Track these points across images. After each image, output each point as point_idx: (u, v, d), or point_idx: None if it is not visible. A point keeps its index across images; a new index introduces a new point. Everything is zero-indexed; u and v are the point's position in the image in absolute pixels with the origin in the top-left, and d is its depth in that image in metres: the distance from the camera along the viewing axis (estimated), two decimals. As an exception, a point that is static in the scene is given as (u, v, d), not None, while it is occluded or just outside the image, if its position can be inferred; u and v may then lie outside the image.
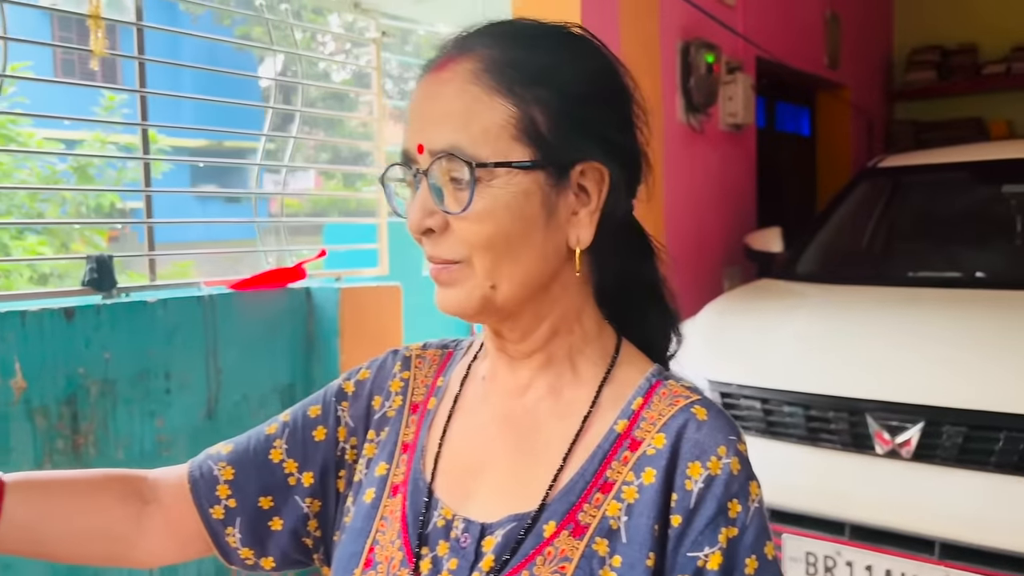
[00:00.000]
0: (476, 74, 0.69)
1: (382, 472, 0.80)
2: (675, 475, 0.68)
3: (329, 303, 2.87)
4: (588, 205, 0.72)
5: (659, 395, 0.74)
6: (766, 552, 0.68)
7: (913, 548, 2.15)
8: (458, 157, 0.68)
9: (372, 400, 0.85)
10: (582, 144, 0.71)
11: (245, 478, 0.84)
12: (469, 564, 0.71)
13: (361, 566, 0.75)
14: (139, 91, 2.49)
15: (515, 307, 0.73)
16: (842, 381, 2.38)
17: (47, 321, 2.22)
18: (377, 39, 3.26)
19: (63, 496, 0.80)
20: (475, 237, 0.69)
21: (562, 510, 0.70)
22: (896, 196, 3.69)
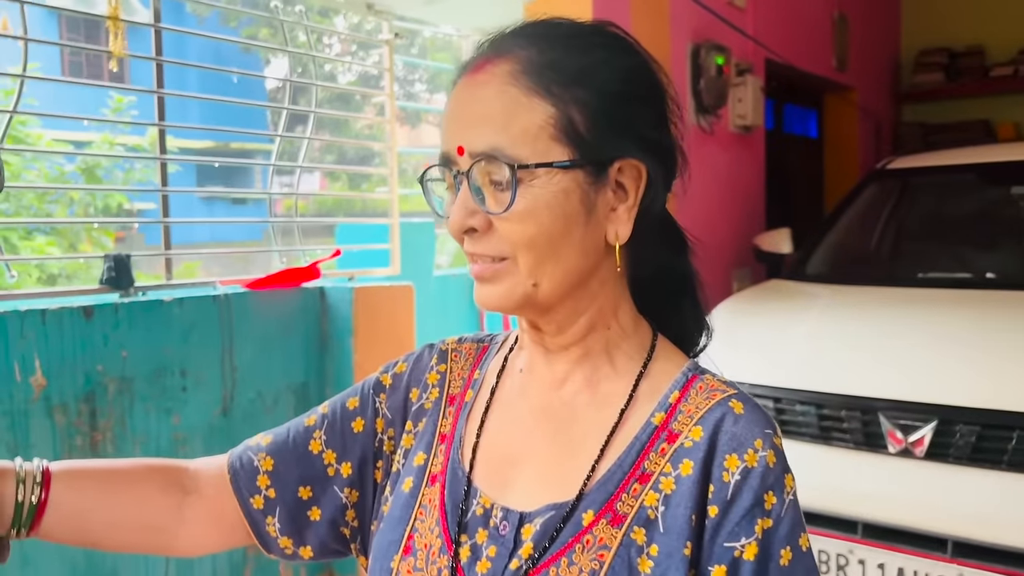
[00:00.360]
0: (514, 76, 0.70)
1: (420, 462, 0.82)
2: (712, 467, 0.70)
3: (343, 302, 2.89)
4: (626, 201, 0.74)
5: (696, 389, 0.75)
6: (800, 544, 0.69)
7: (926, 547, 2.16)
8: (499, 159, 0.69)
9: (410, 392, 0.86)
10: (619, 142, 0.72)
11: (285, 468, 0.85)
12: (508, 551, 0.72)
13: (400, 553, 0.76)
14: (156, 92, 2.51)
15: (555, 303, 0.74)
16: (854, 380, 2.39)
17: (66, 319, 2.24)
18: (390, 40, 3.28)
19: (107, 486, 0.82)
20: (518, 236, 0.70)
21: (600, 500, 0.71)
22: (905, 197, 3.70)
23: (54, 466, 0.80)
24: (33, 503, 0.76)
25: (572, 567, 0.69)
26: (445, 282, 3.94)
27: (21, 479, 0.76)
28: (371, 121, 3.64)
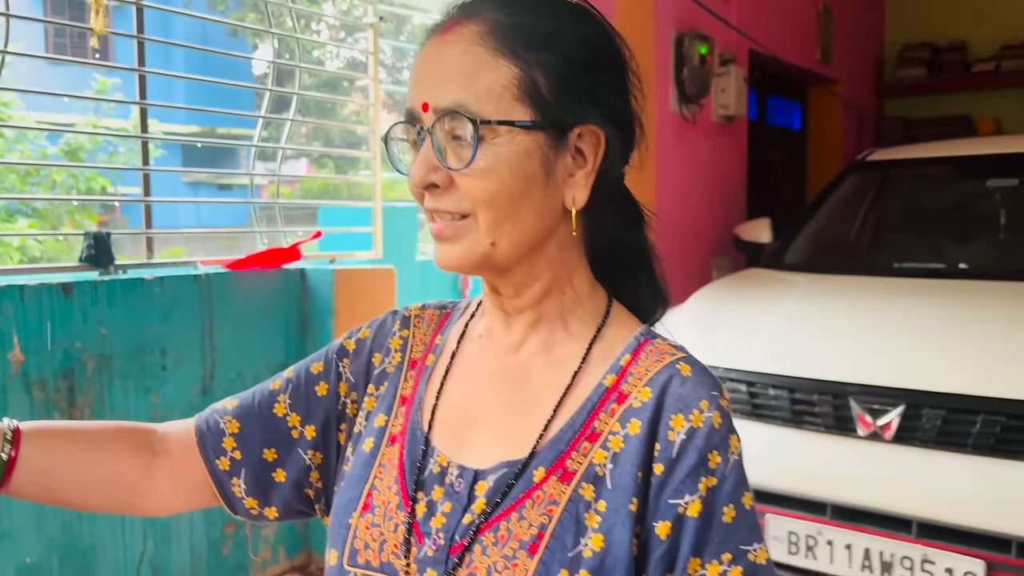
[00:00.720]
0: (481, 36, 0.72)
1: (381, 423, 0.84)
2: (659, 426, 0.72)
3: (324, 284, 2.91)
4: (584, 167, 0.75)
5: (646, 352, 0.77)
6: (743, 502, 0.71)
7: (891, 527, 2.20)
8: (462, 114, 0.70)
9: (372, 357, 0.88)
10: (581, 108, 0.73)
11: (250, 431, 0.87)
12: (462, 507, 0.74)
13: (359, 510, 0.78)
14: (137, 70, 2.51)
15: (512, 263, 0.76)
16: (826, 365, 2.43)
17: (45, 296, 2.25)
18: (374, 24, 3.29)
19: (77, 445, 0.83)
20: (479, 192, 0.72)
21: (551, 457, 0.73)
22: (884, 189, 3.75)
23: (24, 425, 0.82)
24: (3, 459, 0.78)
25: (522, 521, 0.71)
26: (428, 267, 3.96)
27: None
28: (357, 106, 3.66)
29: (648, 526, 0.70)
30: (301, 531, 3.05)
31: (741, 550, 0.70)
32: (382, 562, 0.75)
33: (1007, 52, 6.34)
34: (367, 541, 0.77)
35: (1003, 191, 3.33)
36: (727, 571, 0.69)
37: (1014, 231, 3.24)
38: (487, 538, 0.72)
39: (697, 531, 0.69)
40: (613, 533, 0.69)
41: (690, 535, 0.69)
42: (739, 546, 0.70)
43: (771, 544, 2.36)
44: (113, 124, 8.79)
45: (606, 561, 0.69)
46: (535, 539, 0.70)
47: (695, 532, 0.69)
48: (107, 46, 9.88)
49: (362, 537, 0.77)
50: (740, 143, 4.62)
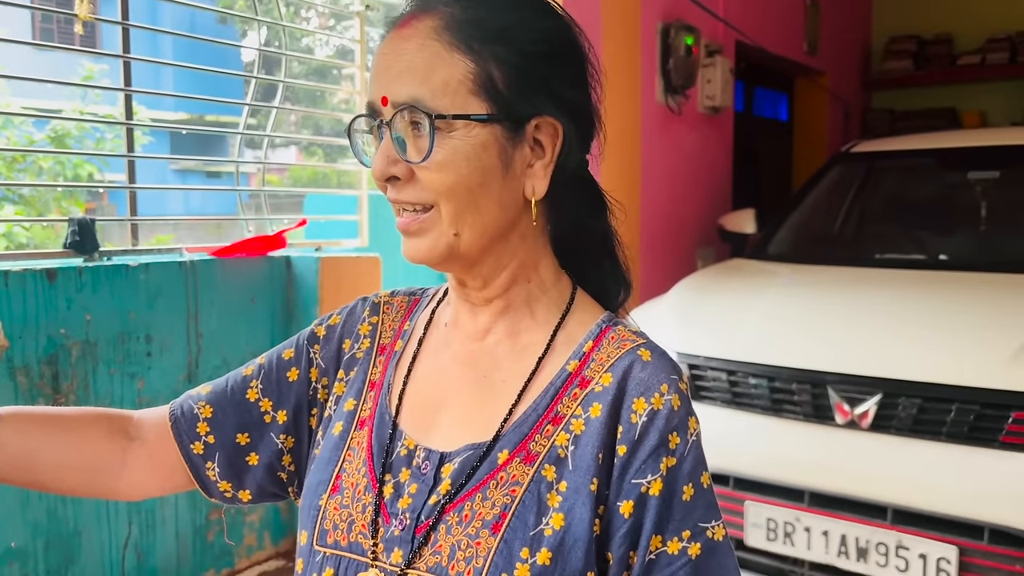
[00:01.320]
0: (437, 31, 0.73)
1: (350, 408, 0.86)
2: (621, 410, 0.74)
3: (309, 272, 2.92)
4: (543, 158, 0.77)
5: (608, 339, 0.79)
6: (702, 481, 0.74)
7: (867, 514, 2.24)
8: (419, 109, 0.72)
9: (343, 343, 0.91)
10: (537, 100, 0.75)
11: (223, 416, 0.89)
12: (428, 488, 0.76)
13: (328, 492, 0.80)
14: (122, 56, 2.51)
15: (477, 255, 0.77)
16: (805, 354, 2.46)
17: (29, 282, 2.25)
18: (361, 13, 3.29)
19: (53, 429, 0.85)
20: (438, 185, 0.73)
21: (515, 440, 0.76)
22: (868, 180, 3.78)
23: (1, 409, 0.83)
24: None
25: (486, 501, 0.73)
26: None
27: None
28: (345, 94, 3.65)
29: (612, 506, 0.73)
30: (286, 517, 3.07)
31: (700, 527, 0.73)
32: (350, 542, 0.77)
33: (993, 45, 6.38)
34: (336, 522, 0.79)
35: (984, 183, 3.36)
36: (687, 547, 0.72)
37: (994, 223, 3.28)
38: (452, 518, 0.74)
39: (659, 509, 0.72)
40: (574, 512, 0.72)
41: (652, 513, 0.72)
42: (698, 523, 0.73)
43: (750, 530, 2.40)
44: (100, 111, 8.74)
45: (566, 539, 0.71)
46: (498, 518, 0.72)
47: (657, 510, 0.72)
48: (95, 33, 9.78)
49: (331, 518, 0.79)
50: (726, 134, 4.64)
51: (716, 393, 2.58)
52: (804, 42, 5.51)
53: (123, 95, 2.60)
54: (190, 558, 2.71)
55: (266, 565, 2.98)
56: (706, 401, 2.60)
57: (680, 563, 0.72)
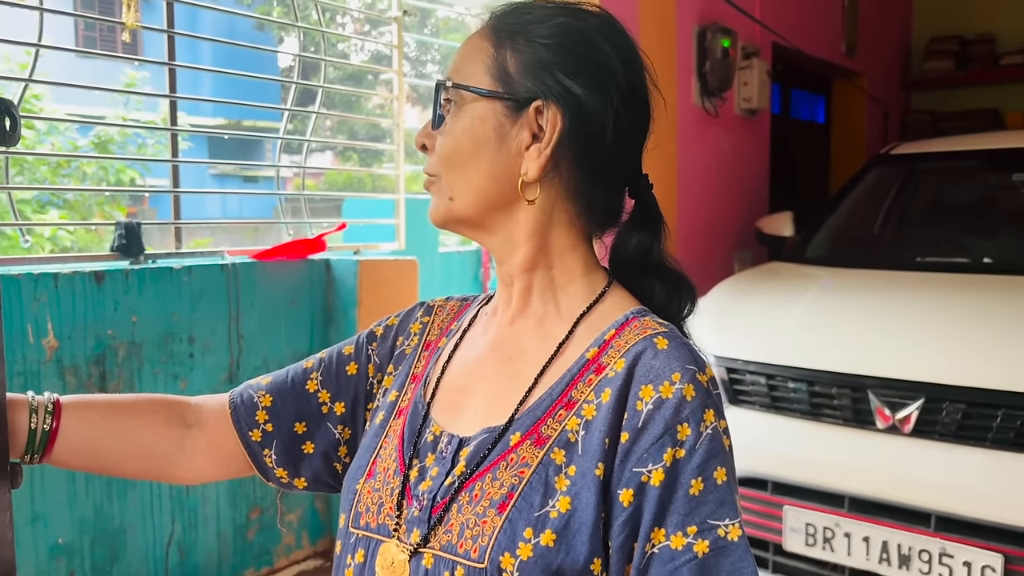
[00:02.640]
0: (486, 30, 0.84)
1: (392, 399, 0.90)
2: (628, 396, 0.74)
3: (348, 275, 2.96)
4: (540, 143, 0.80)
5: (631, 327, 0.80)
6: (715, 476, 0.71)
7: (909, 521, 2.21)
8: (444, 81, 0.83)
9: (396, 341, 0.95)
10: (540, 84, 0.80)
11: (282, 405, 0.93)
12: (446, 471, 0.79)
13: (364, 477, 0.84)
14: (167, 63, 2.56)
15: (476, 220, 0.83)
16: (845, 358, 2.43)
17: (78, 284, 2.31)
18: (398, 18, 3.32)
19: (114, 416, 0.89)
20: (440, 149, 0.83)
21: (528, 424, 0.77)
22: (908, 182, 3.72)
23: (64, 398, 0.87)
24: (45, 430, 0.83)
25: (495, 482, 0.75)
26: (450, 259, 4.00)
27: (34, 408, 0.83)
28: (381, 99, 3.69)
29: (613, 494, 0.72)
30: (324, 517, 3.10)
31: (709, 524, 0.70)
32: (379, 523, 0.81)
33: (1037, 45, 6.26)
34: (368, 505, 0.82)
35: (1029, 185, 3.30)
36: (692, 543, 0.70)
37: (1039, 225, 3.22)
38: (463, 497, 0.76)
39: (660, 500, 0.71)
40: (580, 497, 0.72)
41: (652, 504, 0.71)
42: (707, 520, 0.71)
43: (788, 535, 2.38)
44: (142, 117, 8.91)
45: (571, 523, 0.71)
46: (505, 498, 0.74)
47: (658, 501, 0.71)
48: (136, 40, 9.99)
49: (364, 501, 0.83)
50: (763, 136, 4.60)
51: (755, 397, 2.57)
52: (842, 43, 5.45)
53: (166, 102, 2.65)
54: (231, 556, 2.75)
55: (304, 564, 3.02)
56: (744, 405, 2.59)
57: (684, 559, 0.70)
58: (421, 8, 3.99)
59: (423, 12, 4.31)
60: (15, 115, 0.76)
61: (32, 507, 2.22)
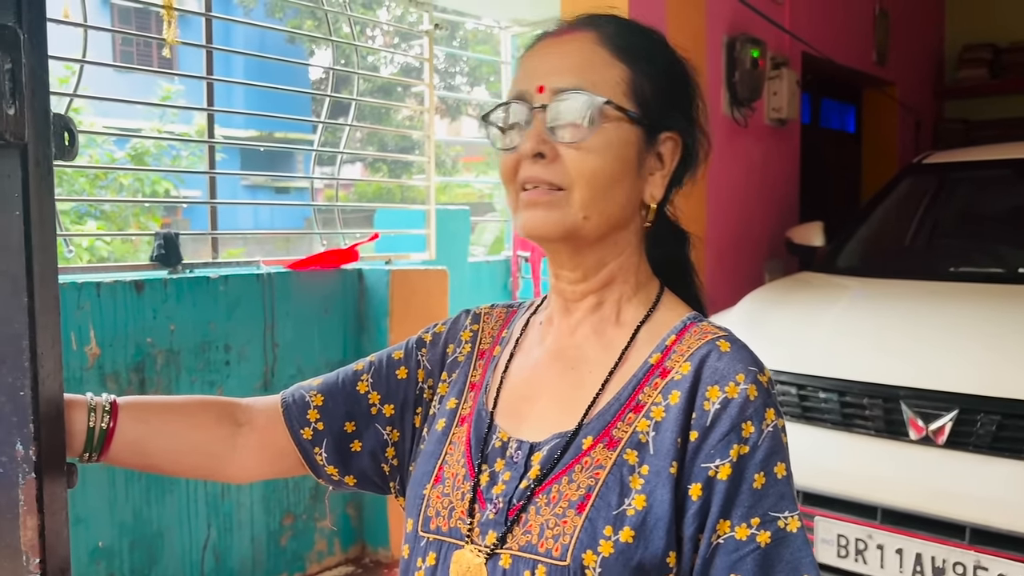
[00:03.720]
0: (597, 41, 0.83)
1: (452, 406, 0.92)
2: (696, 397, 0.78)
3: (380, 284, 3.00)
4: (662, 170, 0.86)
5: (691, 332, 0.84)
6: (776, 471, 0.76)
7: (944, 533, 2.18)
8: (585, 92, 0.80)
9: (447, 348, 0.98)
10: (671, 115, 0.84)
11: (333, 404, 0.96)
12: (519, 475, 0.82)
13: (432, 482, 0.87)
14: (206, 78, 2.63)
15: (593, 241, 0.84)
16: (877, 368, 2.42)
17: (119, 293, 2.37)
18: (430, 31, 3.37)
19: (168, 416, 0.92)
20: (584, 166, 0.80)
21: (599, 428, 0.81)
22: (941, 192, 3.69)
23: (121, 399, 0.91)
24: (103, 429, 0.87)
25: (572, 484, 0.78)
26: (479, 268, 4.03)
27: (92, 408, 0.87)
28: (411, 111, 3.73)
29: (683, 489, 0.76)
30: (356, 524, 3.14)
31: (770, 516, 0.75)
32: (450, 527, 0.83)
33: (1073, 52, 6.17)
34: (438, 509, 0.85)
35: (1065, 195, 3.26)
36: (755, 534, 0.74)
37: (1076, 235, 3.17)
38: (540, 500, 0.79)
39: (726, 494, 0.75)
40: (655, 494, 0.76)
41: (719, 497, 0.75)
42: (768, 512, 0.75)
43: (820, 547, 2.37)
44: (176, 130, 9.07)
45: (648, 519, 0.75)
46: (583, 499, 0.77)
47: (724, 495, 0.75)
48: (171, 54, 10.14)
49: (434, 506, 0.85)
50: (792, 146, 4.59)
51: (785, 408, 2.56)
52: (873, 52, 5.42)
53: (199, 114, 2.72)
54: (264, 561, 2.80)
55: (336, 571, 3.06)
56: (775, 415, 2.58)
57: (748, 549, 0.74)
58: (451, 21, 4.04)
59: (452, 25, 4.35)
60: (73, 130, 0.80)
61: (74, 510, 2.27)
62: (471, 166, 13.51)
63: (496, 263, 4.24)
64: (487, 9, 4.10)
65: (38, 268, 0.72)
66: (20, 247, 0.70)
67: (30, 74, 0.70)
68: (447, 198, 9.63)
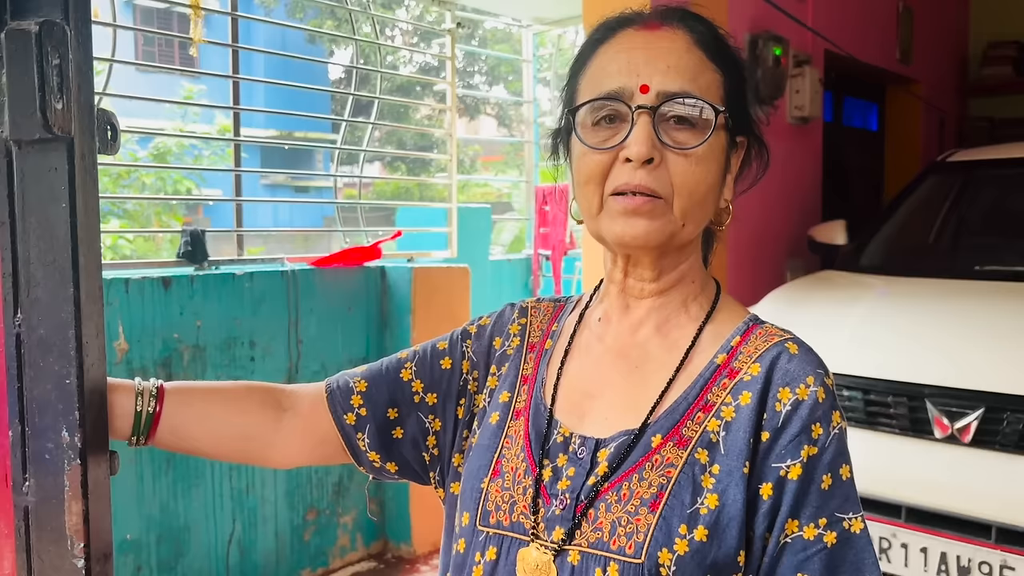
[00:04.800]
0: (695, 42, 0.82)
1: (505, 399, 0.92)
2: (768, 398, 0.79)
3: (402, 282, 3.02)
4: (731, 173, 0.86)
5: (756, 334, 0.85)
6: (841, 473, 0.77)
7: (969, 532, 2.17)
8: (699, 99, 0.79)
9: (493, 341, 0.98)
10: (747, 120, 0.86)
11: (376, 391, 0.96)
12: (586, 471, 0.82)
13: (489, 475, 0.86)
14: (232, 77, 2.65)
15: (685, 244, 0.84)
16: (901, 366, 2.41)
17: (147, 289, 2.40)
18: (452, 30, 3.38)
19: (213, 400, 0.94)
20: (689, 177, 0.79)
21: (668, 426, 0.81)
22: (966, 190, 3.66)
23: (168, 384, 0.92)
24: (150, 413, 0.88)
25: (643, 482, 0.78)
26: (500, 266, 4.04)
27: (139, 393, 0.88)
28: (432, 110, 3.75)
29: (754, 487, 0.77)
30: (379, 520, 3.16)
31: (837, 517, 0.76)
32: (512, 522, 0.83)
33: (1100, 49, 6.09)
34: (498, 503, 0.84)
35: (1093, 192, 3.23)
36: (822, 534, 0.75)
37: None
38: (610, 496, 0.79)
39: (796, 494, 0.76)
40: (727, 493, 0.76)
41: (790, 497, 0.76)
42: (835, 513, 0.76)
43: (844, 545, 2.36)
44: (197, 129, 9.15)
45: (721, 518, 0.76)
46: (655, 497, 0.77)
47: (794, 495, 0.76)
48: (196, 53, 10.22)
49: (493, 500, 0.85)
50: (815, 145, 4.56)
51: (808, 405, 2.55)
52: (896, 50, 5.37)
53: (220, 114, 2.75)
54: (288, 556, 2.82)
55: (358, 566, 3.08)
56: (798, 413, 2.57)
57: (815, 549, 0.75)
58: (472, 20, 4.05)
59: (471, 23, 4.36)
60: (116, 125, 0.81)
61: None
62: (490, 165, 13.53)
63: (517, 261, 4.25)
64: (509, 7, 4.11)
65: (83, 259, 0.73)
66: (67, 238, 0.72)
67: (76, 70, 0.72)
68: (466, 197, 9.65)
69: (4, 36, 0.69)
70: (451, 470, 0.94)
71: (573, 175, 0.86)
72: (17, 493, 0.74)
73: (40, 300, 0.73)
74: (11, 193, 0.72)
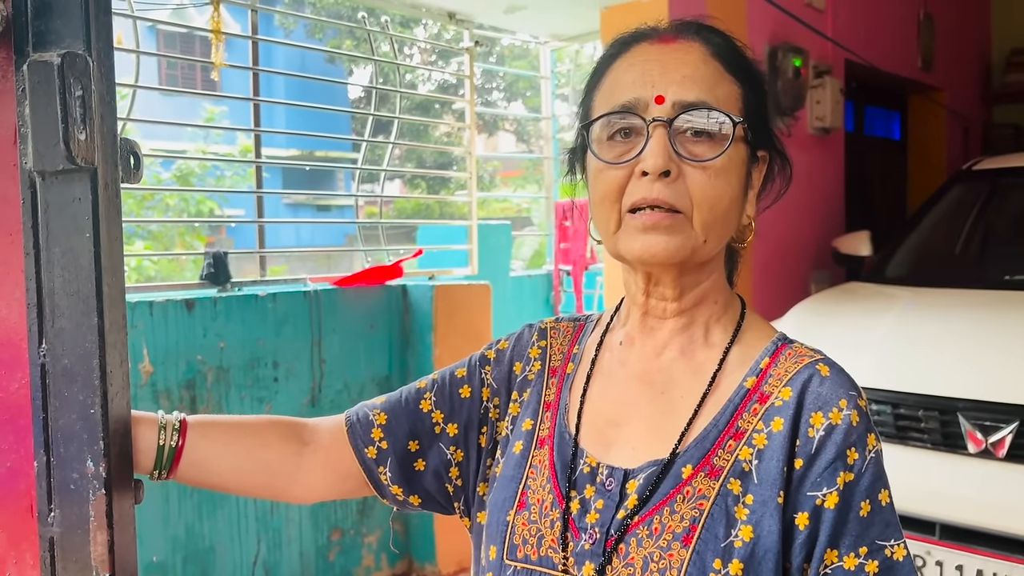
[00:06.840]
0: (712, 54, 0.80)
1: (528, 427, 0.89)
2: (800, 423, 0.76)
3: (424, 300, 3.02)
4: (753, 188, 0.84)
5: (785, 355, 0.81)
6: (880, 498, 0.74)
7: (1006, 549, 2.12)
8: (715, 110, 0.77)
9: (513, 366, 0.95)
10: (767, 134, 0.83)
11: (396, 423, 0.94)
12: (615, 503, 0.79)
13: (515, 508, 0.84)
14: (253, 99, 2.67)
15: (706, 261, 0.81)
16: (933, 380, 2.36)
17: (171, 311, 2.41)
18: (470, 48, 3.40)
19: (235, 435, 0.92)
20: (708, 190, 0.77)
21: (698, 455, 0.78)
22: (993, 198, 3.61)
23: (190, 417, 0.91)
24: (172, 447, 0.87)
25: (675, 515, 0.76)
26: (521, 282, 4.04)
27: (162, 426, 0.87)
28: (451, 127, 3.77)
29: (789, 517, 0.74)
30: (403, 540, 3.14)
31: (878, 544, 0.73)
32: (540, 556, 0.80)
33: None
34: (525, 537, 0.82)
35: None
36: (863, 564, 0.73)
37: None
38: (641, 531, 0.76)
39: (834, 523, 0.73)
40: (762, 524, 0.74)
41: (827, 526, 0.73)
42: (876, 540, 0.73)
43: (876, 563, 2.31)
44: (219, 150, 9.25)
45: (756, 551, 0.73)
46: (688, 531, 0.74)
47: (832, 524, 0.73)
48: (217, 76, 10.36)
49: (520, 533, 0.82)
50: (837, 155, 4.53)
51: (837, 420, 2.51)
52: (918, 58, 5.33)
53: (242, 135, 2.77)
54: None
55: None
56: (826, 428, 2.53)
57: None
58: (489, 38, 4.06)
59: (489, 41, 4.38)
60: (138, 154, 0.81)
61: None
62: (509, 180, 13.57)
63: (537, 277, 4.24)
64: (526, 25, 4.12)
65: (107, 288, 0.73)
66: (91, 268, 0.72)
67: (99, 100, 0.72)
68: (485, 213, 9.67)
69: (27, 68, 0.69)
70: (476, 499, 0.92)
71: (590, 193, 0.84)
72: (43, 523, 0.74)
73: (65, 330, 0.73)
74: (35, 224, 0.72)
